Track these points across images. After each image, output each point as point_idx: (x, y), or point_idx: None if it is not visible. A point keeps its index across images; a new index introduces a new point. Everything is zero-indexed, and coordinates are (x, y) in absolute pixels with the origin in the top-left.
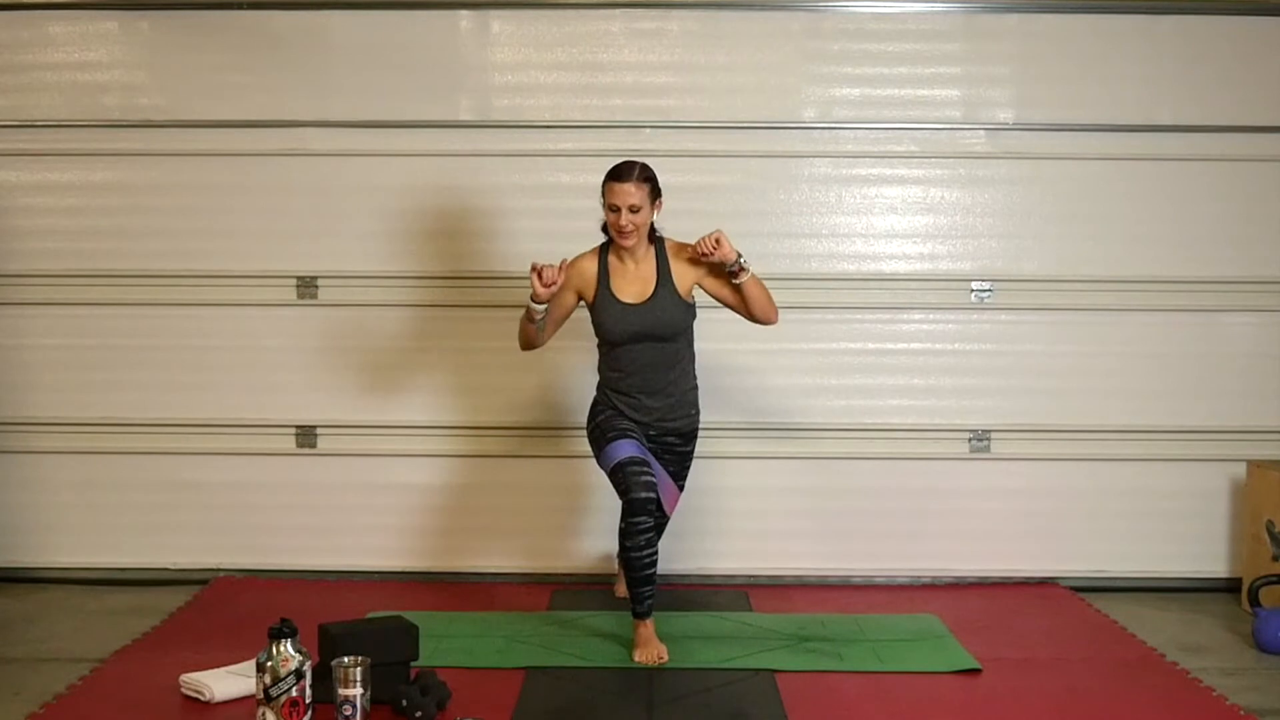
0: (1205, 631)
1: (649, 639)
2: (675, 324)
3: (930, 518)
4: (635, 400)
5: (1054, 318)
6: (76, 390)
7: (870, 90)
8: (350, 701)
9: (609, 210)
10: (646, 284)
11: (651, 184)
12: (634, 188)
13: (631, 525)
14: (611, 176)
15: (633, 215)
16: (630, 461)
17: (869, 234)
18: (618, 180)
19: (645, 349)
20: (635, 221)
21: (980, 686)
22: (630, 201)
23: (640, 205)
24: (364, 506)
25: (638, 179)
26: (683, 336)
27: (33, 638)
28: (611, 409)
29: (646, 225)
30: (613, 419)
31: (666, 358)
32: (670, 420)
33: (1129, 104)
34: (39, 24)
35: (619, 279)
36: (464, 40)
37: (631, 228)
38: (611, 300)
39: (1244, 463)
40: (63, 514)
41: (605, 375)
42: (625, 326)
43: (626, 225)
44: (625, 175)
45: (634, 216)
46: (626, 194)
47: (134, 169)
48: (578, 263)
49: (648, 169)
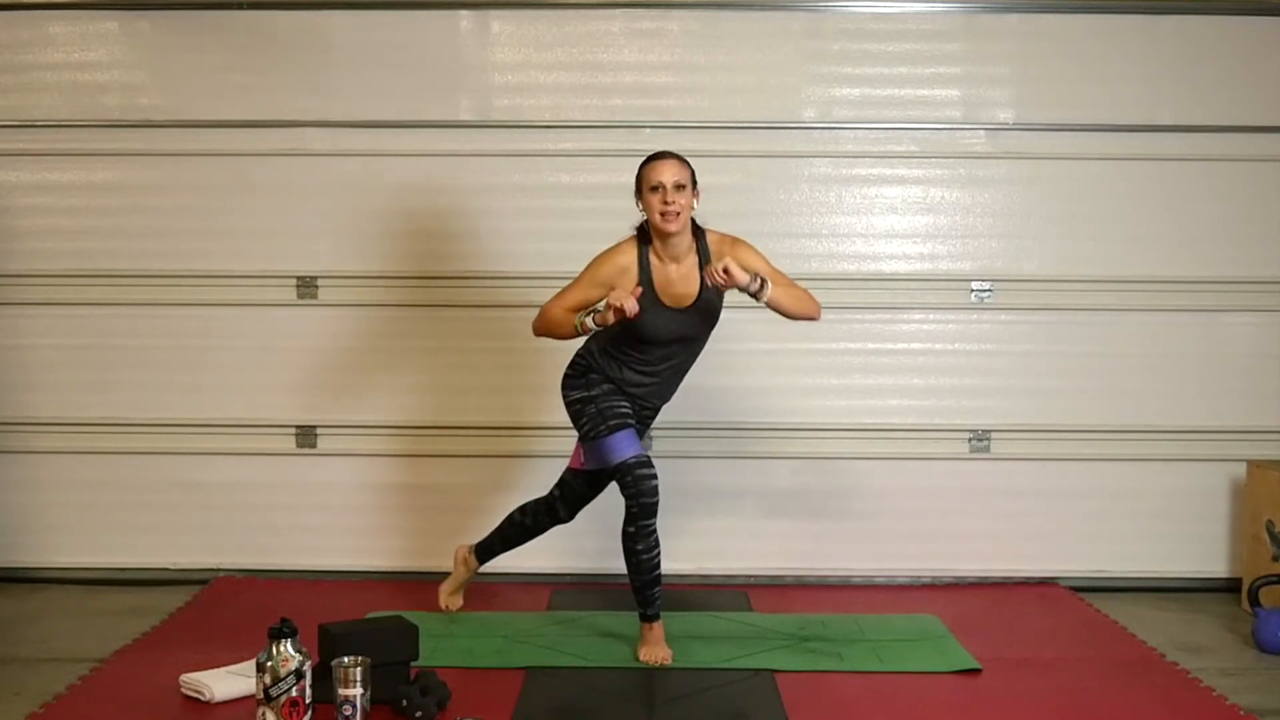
0: (1205, 631)
1: (658, 639)
2: (713, 324)
3: (930, 518)
4: (645, 383)
5: (1054, 318)
6: (76, 390)
7: (870, 90)
8: (350, 701)
9: (650, 192)
10: (690, 285)
11: (691, 170)
12: (677, 165)
13: (642, 529)
14: (651, 159)
15: (677, 194)
16: (639, 462)
17: (869, 234)
18: (658, 160)
19: (679, 349)
20: (680, 202)
21: (980, 686)
22: (674, 179)
23: (684, 184)
24: (364, 506)
25: (679, 160)
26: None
27: (33, 638)
28: (610, 384)
29: (689, 211)
30: (611, 397)
31: (689, 354)
32: (665, 398)
33: (1129, 104)
34: (39, 24)
35: (662, 279)
36: (464, 40)
37: (677, 208)
38: (656, 305)
39: (1244, 463)
40: (63, 514)
41: (620, 355)
42: (669, 333)
43: (672, 204)
44: (666, 155)
45: (678, 195)
46: (670, 169)
47: (134, 169)
48: (616, 260)
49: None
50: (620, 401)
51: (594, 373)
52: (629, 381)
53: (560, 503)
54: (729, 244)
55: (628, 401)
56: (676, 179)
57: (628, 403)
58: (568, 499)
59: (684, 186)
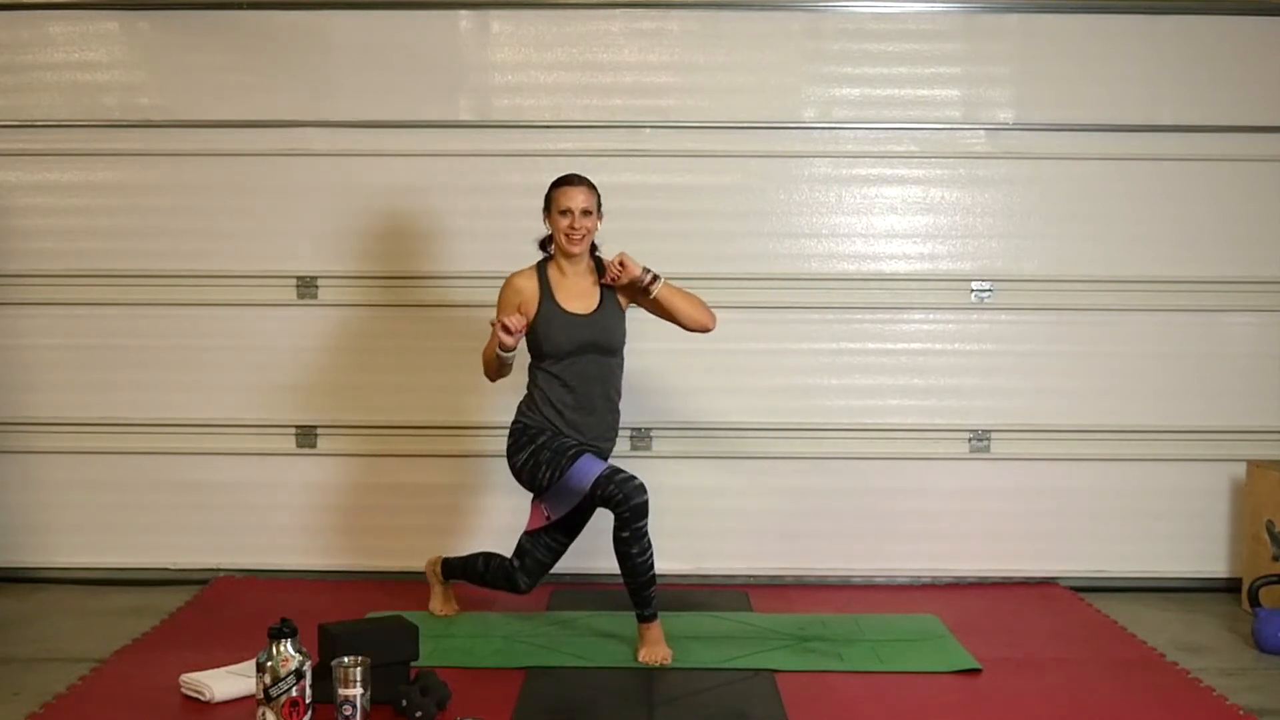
0: (1205, 631)
1: (657, 639)
2: (619, 336)
3: (930, 518)
4: (578, 419)
5: (1054, 318)
6: (76, 390)
7: (870, 90)
8: (350, 701)
9: (559, 215)
10: (590, 296)
11: (598, 195)
12: (585, 192)
13: (636, 532)
14: (561, 182)
15: (584, 219)
16: (614, 471)
17: (869, 234)
18: (569, 184)
19: (591, 362)
20: (587, 225)
21: (980, 686)
22: (583, 205)
23: (590, 210)
24: (364, 506)
25: (587, 185)
26: (620, 352)
27: (33, 638)
28: (551, 430)
29: (593, 233)
30: (558, 438)
31: (609, 372)
32: (602, 441)
33: (1129, 104)
34: (39, 24)
35: (562, 291)
36: (464, 40)
37: (583, 232)
38: (558, 311)
39: (1244, 463)
40: (63, 514)
41: (544, 395)
42: (574, 336)
43: (579, 229)
44: (576, 180)
45: (585, 220)
46: (579, 196)
47: (134, 169)
48: (514, 282)
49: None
50: (568, 439)
51: (531, 428)
52: (559, 409)
53: (520, 573)
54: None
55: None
56: (584, 205)
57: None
58: (528, 569)
59: (590, 212)
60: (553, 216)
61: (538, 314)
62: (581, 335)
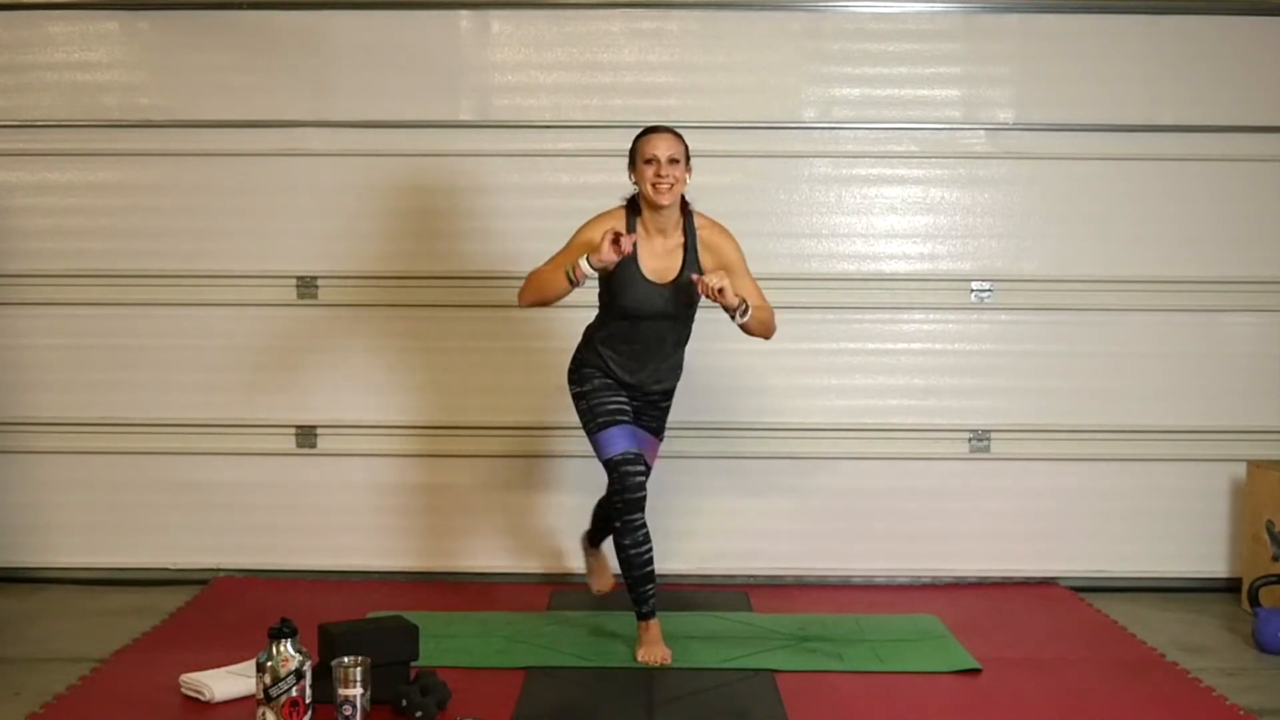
0: (1205, 631)
1: (655, 639)
2: (695, 303)
3: (930, 518)
4: (633, 365)
5: (1054, 318)
6: (76, 390)
7: (870, 90)
8: (350, 701)
9: (645, 164)
10: (673, 260)
11: (686, 145)
12: (671, 139)
13: (627, 524)
14: (646, 131)
15: (671, 167)
16: (625, 459)
17: (869, 234)
18: (653, 132)
19: (659, 325)
20: (674, 175)
21: (980, 686)
22: (669, 152)
23: (678, 158)
24: (364, 506)
25: (674, 134)
26: (693, 313)
27: (33, 638)
28: (603, 373)
29: (682, 185)
30: (602, 392)
31: (677, 331)
32: (661, 382)
33: (1129, 104)
34: (39, 24)
35: (646, 253)
36: (464, 40)
37: (671, 181)
38: (638, 276)
39: (1244, 463)
40: (63, 514)
41: (603, 336)
42: (649, 306)
43: (666, 176)
44: (661, 128)
45: (672, 169)
46: (665, 143)
47: (134, 169)
48: (604, 222)
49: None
50: (611, 397)
51: (586, 366)
52: (619, 355)
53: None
54: (717, 232)
55: (623, 393)
56: (671, 153)
57: (622, 395)
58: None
59: (678, 161)
60: (638, 168)
61: (616, 271)
62: (655, 304)
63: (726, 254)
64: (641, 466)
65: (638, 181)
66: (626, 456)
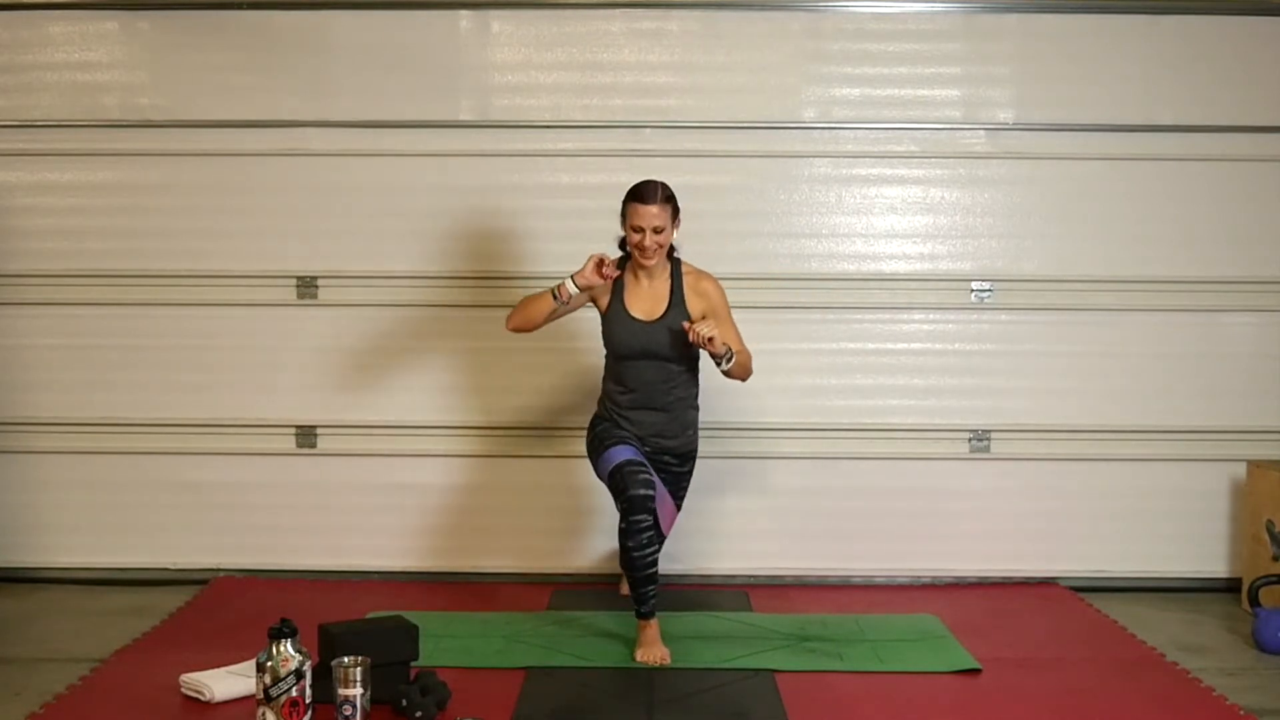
0: (1205, 631)
1: (653, 639)
2: (681, 345)
3: (930, 518)
4: (633, 414)
5: (1054, 318)
6: (76, 390)
7: (870, 90)
8: (350, 701)
9: (632, 231)
10: (659, 302)
11: (673, 204)
12: (658, 210)
13: (632, 524)
14: (634, 198)
15: (656, 236)
16: (627, 463)
17: (869, 234)
18: (641, 202)
19: (649, 366)
20: (659, 241)
21: (980, 686)
22: (654, 224)
23: (663, 227)
24: (364, 506)
25: (661, 200)
26: (686, 359)
27: (33, 638)
28: (610, 421)
29: (667, 245)
30: (611, 429)
31: (669, 376)
32: (666, 438)
33: (1129, 104)
34: (39, 24)
35: (633, 294)
36: (464, 40)
37: (655, 248)
38: (624, 315)
39: (1244, 463)
40: (63, 514)
41: (608, 388)
42: (634, 342)
43: (650, 246)
44: (649, 197)
45: (657, 237)
46: (650, 216)
47: (134, 169)
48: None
49: (668, 189)
50: (619, 431)
51: (598, 417)
52: (620, 405)
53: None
54: (703, 279)
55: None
56: (656, 224)
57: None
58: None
59: (662, 229)
60: (626, 229)
61: (607, 311)
62: (639, 341)
63: (712, 299)
64: (645, 469)
65: (626, 236)
66: (629, 461)
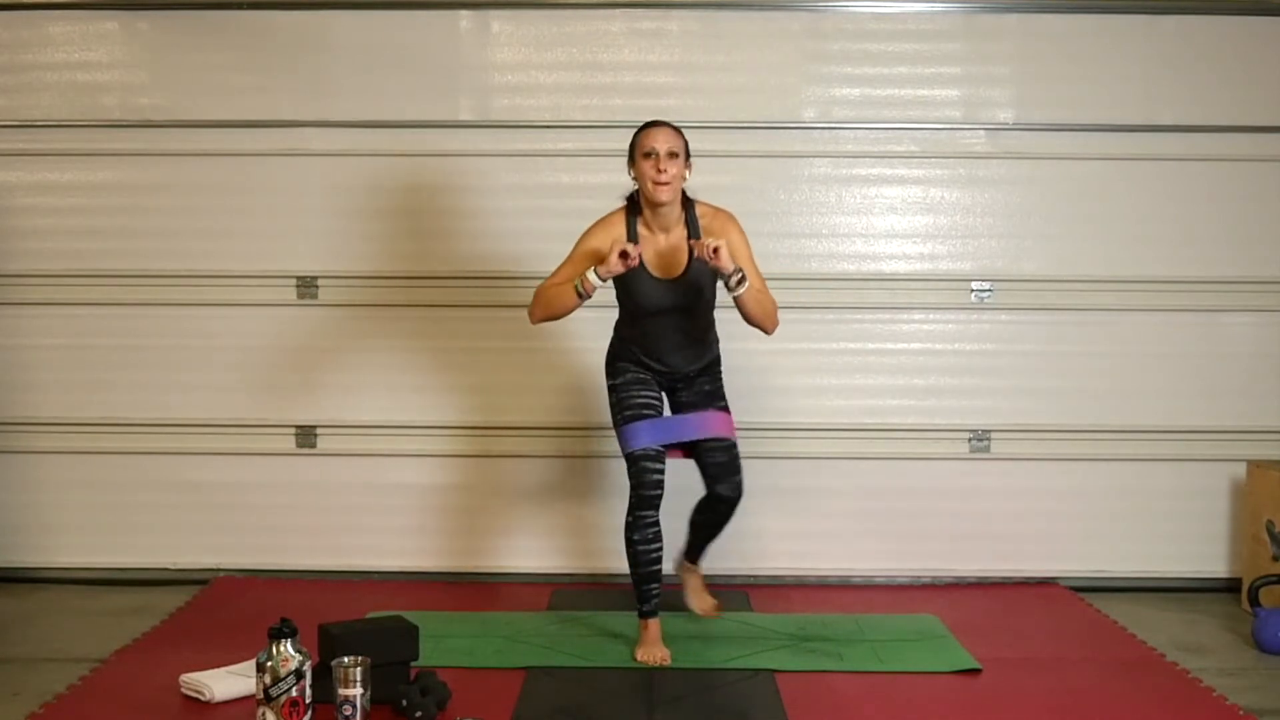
0: (1205, 631)
1: (654, 639)
2: (708, 293)
3: (930, 518)
4: (659, 355)
5: (1054, 318)
6: (76, 390)
7: (870, 90)
8: (350, 701)
9: (643, 159)
10: (679, 255)
11: (685, 140)
12: (670, 133)
13: (638, 519)
14: (645, 125)
15: (670, 161)
16: (645, 455)
17: (869, 234)
18: (652, 126)
19: (673, 318)
20: (672, 171)
21: (980, 686)
22: (668, 146)
23: (677, 152)
24: (364, 506)
25: (672, 128)
26: (712, 298)
27: (33, 638)
28: (635, 364)
29: (681, 181)
30: (633, 386)
31: (695, 320)
32: (691, 365)
33: (1129, 104)
34: (39, 24)
35: (650, 250)
36: (464, 40)
37: (668, 177)
38: (644, 275)
39: (1244, 463)
40: (63, 514)
41: (626, 333)
42: (658, 302)
43: (664, 171)
44: (660, 122)
45: (671, 163)
46: (664, 136)
47: (134, 169)
48: (605, 229)
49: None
50: (640, 390)
51: (619, 360)
52: (643, 349)
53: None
54: (721, 219)
55: (653, 382)
56: (670, 146)
57: (653, 388)
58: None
59: (677, 155)
60: (637, 163)
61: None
62: (665, 300)
63: (731, 241)
64: (660, 464)
65: (637, 178)
66: (647, 452)
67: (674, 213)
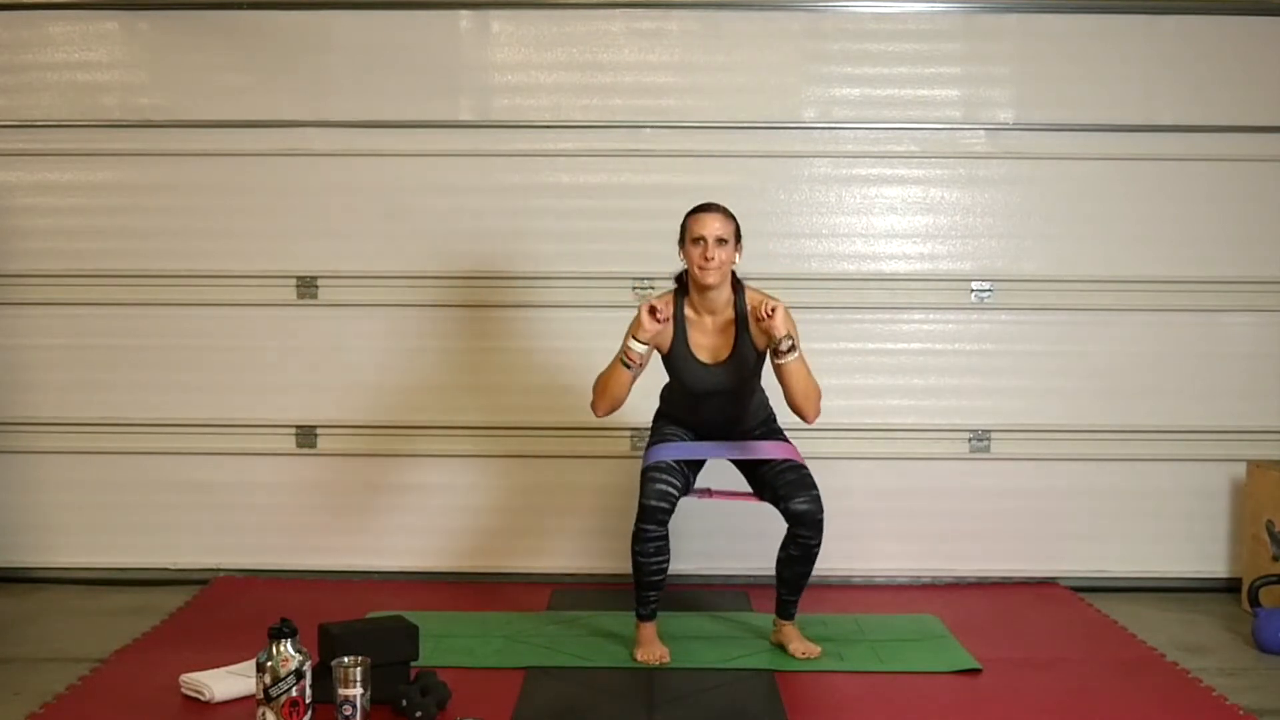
0: (1205, 631)
1: (651, 639)
2: (751, 377)
3: (930, 518)
4: (704, 425)
5: (1054, 318)
6: (76, 390)
7: (870, 90)
8: (350, 701)
9: (692, 244)
10: (725, 339)
11: (736, 223)
12: (721, 218)
13: (641, 531)
14: (696, 209)
15: (719, 247)
16: (654, 467)
17: (869, 234)
18: (703, 211)
19: (720, 399)
20: (721, 256)
21: (980, 686)
22: (717, 233)
23: (726, 238)
24: (363, 506)
25: (724, 213)
26: (759, 377)
27: (33, 638)
28: (677, 425)
29: (730, 265)
30: (667, 428)
31: (740, 400)
32: (739, 424)
33: (1129, 104)
34: (39, 24)
35: (697, 333)
36: (464, 40)
37: (718, 261)
38: (689, 358)
39: (1244, 463)
40: (63, 514)
41: (672, 401)
42: (704, 385)
43: (713, 258)
44: (711, 207)
45: (720, 250)
46: (713, 223)
47: (134, 169)
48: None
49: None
50: (673, 428)
51: (660, 418)
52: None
53: None
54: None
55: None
56: (719, 233)
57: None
58: None
59: (726, 241)
60: (686, 247)
61: (671, 352)
62: (710, 384)
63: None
64: (671, 480)
65: (685, 259)
66: (658, 465)
67: (722, 296)
